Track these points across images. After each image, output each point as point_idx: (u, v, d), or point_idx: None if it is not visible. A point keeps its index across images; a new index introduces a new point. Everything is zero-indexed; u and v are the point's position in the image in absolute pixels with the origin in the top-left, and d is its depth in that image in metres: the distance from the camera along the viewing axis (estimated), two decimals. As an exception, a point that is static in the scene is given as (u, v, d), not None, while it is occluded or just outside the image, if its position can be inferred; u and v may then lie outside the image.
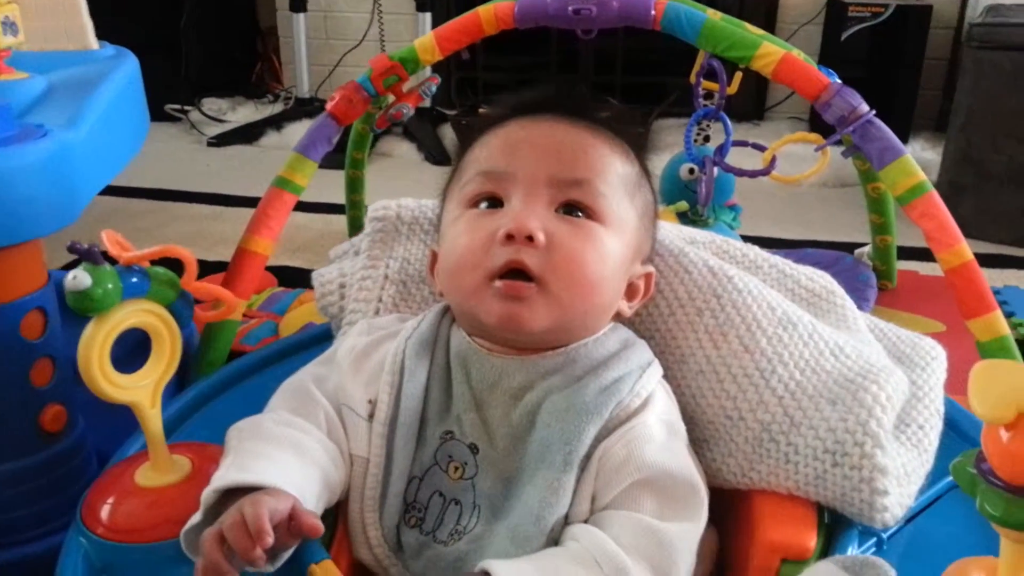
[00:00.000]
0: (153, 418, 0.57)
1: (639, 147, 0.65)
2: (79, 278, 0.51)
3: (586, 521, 0.54)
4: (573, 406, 0.55)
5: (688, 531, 0.53)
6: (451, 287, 0.61)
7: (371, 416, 0.59)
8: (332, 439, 0.59)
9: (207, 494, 0.51)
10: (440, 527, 0.57)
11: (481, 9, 1.04)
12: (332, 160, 1.68)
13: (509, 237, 0.56)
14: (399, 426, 0.58)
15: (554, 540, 0.54)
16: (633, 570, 0.49)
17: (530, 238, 0.56)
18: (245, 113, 2.81)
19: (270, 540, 0.47)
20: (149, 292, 0.57)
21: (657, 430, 0.56)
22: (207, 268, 1.45)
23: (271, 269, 1.49)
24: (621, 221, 0.60)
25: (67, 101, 0.83)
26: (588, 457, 0.55)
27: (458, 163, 0.65)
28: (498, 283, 0.56)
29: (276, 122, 2.62)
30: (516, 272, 0.56)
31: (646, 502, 0.53)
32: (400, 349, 0.61)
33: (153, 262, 0.57)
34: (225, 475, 0.52)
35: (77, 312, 0.52)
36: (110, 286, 0.52)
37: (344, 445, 0.59)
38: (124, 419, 0.61)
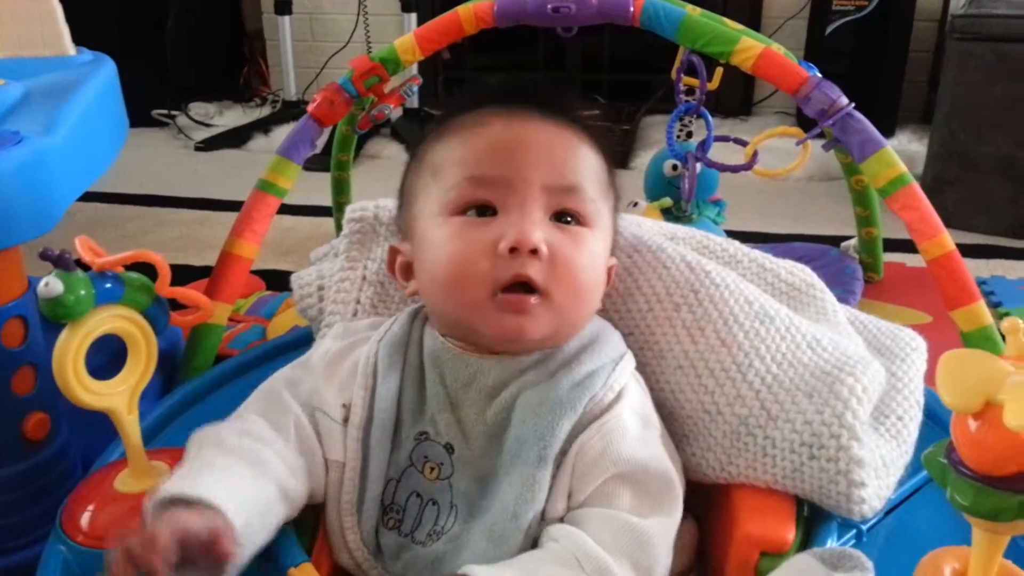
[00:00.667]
0: (130, 424, 0.57)
1: (603, 138, 0.64)
2: (51, 285, 0.51)
3: (563, 519, 0.54)
4: (547, 401, 0.55)
5: (665, 525, 0.53)
6: (442, 299, 0.59)
7: (346, 420, 0.58)
8: (301, 447, 0.58)
9: (151, 504, 0.50)
10: (418, 528, 0.57)
11: (461, 8, 1.04)
12: (319, 162, 1.69)
13: (512, 250, 0.55)
14: (374, 428, 0.58)
15: (531, 537, 0.54)
16: (615, 569, 0.50)
17: (534, 251, 0.55)
18: (232, 117, 2.81)
19: (166, 559, 0.45)
20: (123, 298, 0.57)
21: (631, 423, 0.56)
22: (195, 273, 1.45)
23: (259, 273, 1.49)
24: (603, 222, 0.61)
25: (43, 108, 0.82)
26: (564, 453, 0.55)
27: (424, 154, 0.63)
28: (501, 296, 0.55)
29: (264, 125, 2.62)
30: (520, 284, 0.56)
31: (623, 497, 0.53)
32: (372, 352, 0.60)
33: (127, 268, 0.57)
34: (169, 487, 0.50)
35: (50, 319, 0.52)
36: (82, 292, 0.52)
37: (316, 451, 0.58)
38: (108, 426, 0.61)
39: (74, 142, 0.79)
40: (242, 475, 0.53)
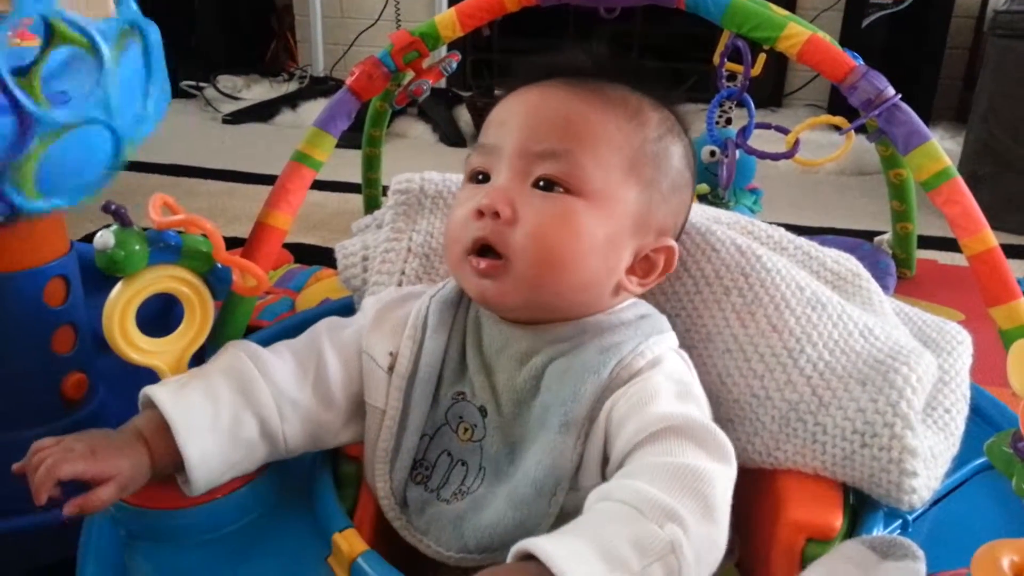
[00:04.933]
0: (176, 385, 0.57)
1: (677, 114, 0.62)
2: (104, 238, 0.51)
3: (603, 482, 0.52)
4: (572, 367, 0.55)
5: (723, 471, 0.49)
6: (445, 259, 0.61)
7: (391, 368, 0.59)
8: (316, 391, 0.59)
9: (142, 394, 0.56)
10: (445, 486, 0.57)
11: (504, -15, 1.03)
12: (347, 139, 1.67)
13: (480, 213, 0.56)
14: (418, 381, 0.58)
15: (557, 505, 0.52)
16: (681, 510, 0.45)
17: (496, 214, 0.55)
18: (260, 91, 2.81)
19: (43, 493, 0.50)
20: (180, 259, 0.57)
21: (665, 386, 0.53)
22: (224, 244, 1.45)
23: (287, 246, 1.48)
24: (610, 194, 0.57)
25: (91, 69, 0.82)
26: (592, 421, 0.53)
27: None
28: (468, 258, 0.56)
29: (291, 100, 2.62)
30: (487, 248, 0.56)
31: (670, 445, 0.49)
32: (424, 306, 0.61)
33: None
34: (156, 389, 0.55)
35: (105, 272, 0.52)
36: (136, 248, 0.52)
37: (336, 398, 0.60)
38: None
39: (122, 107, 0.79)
40: (223, 401, 0.56)
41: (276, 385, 0.58)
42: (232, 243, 1.04)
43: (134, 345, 0.54)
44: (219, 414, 0.55)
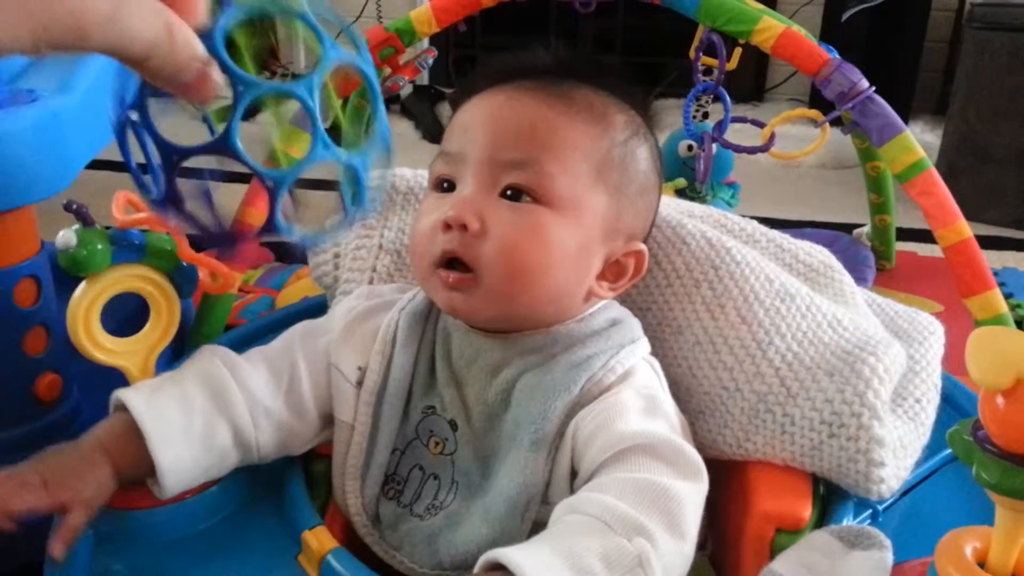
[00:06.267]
0: (145, 384, 0.56)
1: (642, 113, 0.61)
2: (65, 237, 0.50)
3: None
4: (542, 383, 0.54)
5: (692, 489, 0.49)
6: (413, 271, 0.60)
7: (359, 383, 0.59)
8: (288, 399, 0.59)
9: (114, 396, 0.55)
10: (417, 501, 0.57)
11: (479, -20, 1.03)
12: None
13: (447, 226, 0.54)
14: (387, 396, 0.58)
15: (529, 521, 0.53)
16: (648, 524, 0.45)
17: (464, 227, 0.54)
18: (242, 89, 2.79)
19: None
20: (144, 258, 0.57)
21: (633, 402, 0.53)
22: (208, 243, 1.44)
23: (267, 244, 1.48)
24: (579, 202, 0.56)
25: (58, 66, 0.81)
26: (561, 435, 0.53)
27: None
28: (437, 271, 0.55)
29: (273, 99, 2.61)
30: (456, 261, 0.55)
31: (639, 463, 0.50)
32: (394, 320, 0.60)
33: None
34: (128, 393, 0.55)
35: (68, 272, 0.52)
36: (98, 247, 0.52)
37: (308, 407, 0.60)
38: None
39: (89, 102, 0.79)
40: (196, 408, 0.55)
41: (250, 393, 0.57)
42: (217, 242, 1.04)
43: (99, 345, 0.54)
44: (192, 420, 0.55)
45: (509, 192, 0.55)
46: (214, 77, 0.35)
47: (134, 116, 0.37)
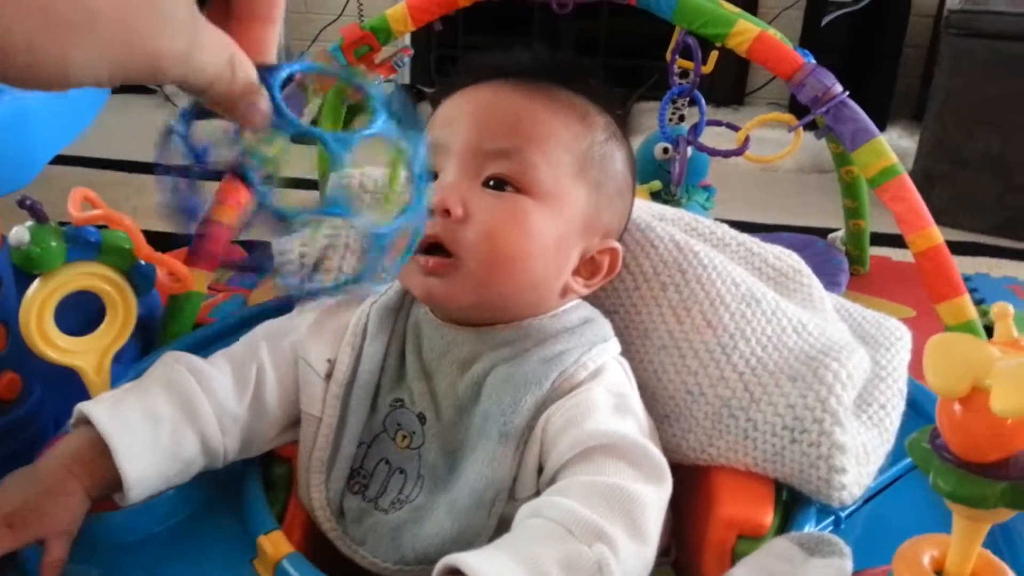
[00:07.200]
0: (99, 385, 0.56)
1: (615, 116, 0.62)
2: (18, 234, 0.49)
3: (537, 494, 0.53)
4: (513, 377, 0.54)
5: (655, 493, 0.50)
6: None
7: (328, 376, 0.58)
8: (254, 402, 0.58)
9: (76, 410, 0.53)
10: (383, 495, 0.56)
11: (455, -21, 1.02)
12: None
13: (430, 212, 0.54)
14: (355, 388, 0.58)
15: (496, 516, 0.52)
16: (610, 530, 0.45)
17: (447, 212, 0.54)
18: (221, 87, 2.77)
19: None
20: (99, 256, 0.56)
21: (604, 400, 0.54)
22: (178, 241, 1.42)
23: (240, 243, 1.47)
24: (560, 194, 0.57)
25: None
26: (531, 429, 0.53)
27: None
28: (416, 256, 0.55)
29: (252, 96, 2.59)
30: (436, 247, 0.55)
31: (604, 465, 0.50)
32: (365, 313, 0.60)
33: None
34: (91, 406, 0.53)
35: (22, 269, 0.51)
36: (52, 244, 0.51)
37: (271, 408, 0.59)
38: (85, 390, 0.60)
39: (53, 98, 0.77)
40: (164, 419, 0.54)
41: (218, 401, 0.56)
42: (189, 241, 1.02)
43: (52, 344, 0.53)
44: (159, 433, 0.53)
45: (492, 182, 0.56)
46: (263, 108, 0.37)
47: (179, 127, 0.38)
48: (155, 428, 0.53)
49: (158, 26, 0.31)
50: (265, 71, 0.38)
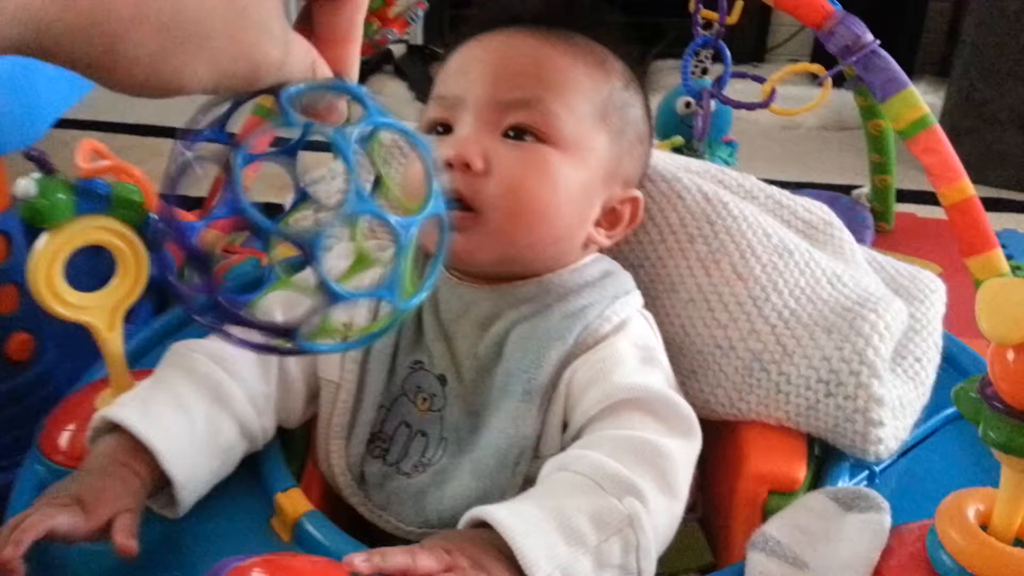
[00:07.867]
0: (111, 341, 0.54)
1: (633, 61, 0.60)
2: (25, 186, 0.48)
3: (562, 451, 0.51)
4: (536, 333, 0.53)
5: (684, 447, 0.49)
6: None
7: (345, 339, 0.56)
8: (280, 375, 0.56)
9: (97, 418, 0.49)
10: (404, 459, 0.55)
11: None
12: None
13: (448, 165, 0.52)
14: (373, 352, 0.56)
15: (520, 475, 0.51)
16: (640, 484, 0.44)
17: (467, 165, 0.52)
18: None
19: (15, 552, 0.42)
20: (110, 209, 0.54)
21: (629, 352, 0.52)
22: (190, 204, 1.41)
23: (256, 205, 1.46)
24: (583, 143, 0.55)
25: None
26: (555, 386, 0.52)
27: None
28: None
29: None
30: (457, 201, 0.53)
31: (632, 419, 0.49)
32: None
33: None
34: (117, 411, 0.49)
35: (29, 223, 0.49)
36: (60, 197, 0.49)
37: (296, 380, 0.56)
38: (99, 350, 0.58)
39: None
40: (196, 411, 0.51)
41: (246, 383, 0.54)
42: (196, 203, 1.01)
43: (62, 300, 0.51)
44: (195, 427, 0.51)
45: (512, 132, 0.54)
46: (341, 108, 0.39)
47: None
48: (190, 423, 0.50)
49: (260, 39, 0.33)
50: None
